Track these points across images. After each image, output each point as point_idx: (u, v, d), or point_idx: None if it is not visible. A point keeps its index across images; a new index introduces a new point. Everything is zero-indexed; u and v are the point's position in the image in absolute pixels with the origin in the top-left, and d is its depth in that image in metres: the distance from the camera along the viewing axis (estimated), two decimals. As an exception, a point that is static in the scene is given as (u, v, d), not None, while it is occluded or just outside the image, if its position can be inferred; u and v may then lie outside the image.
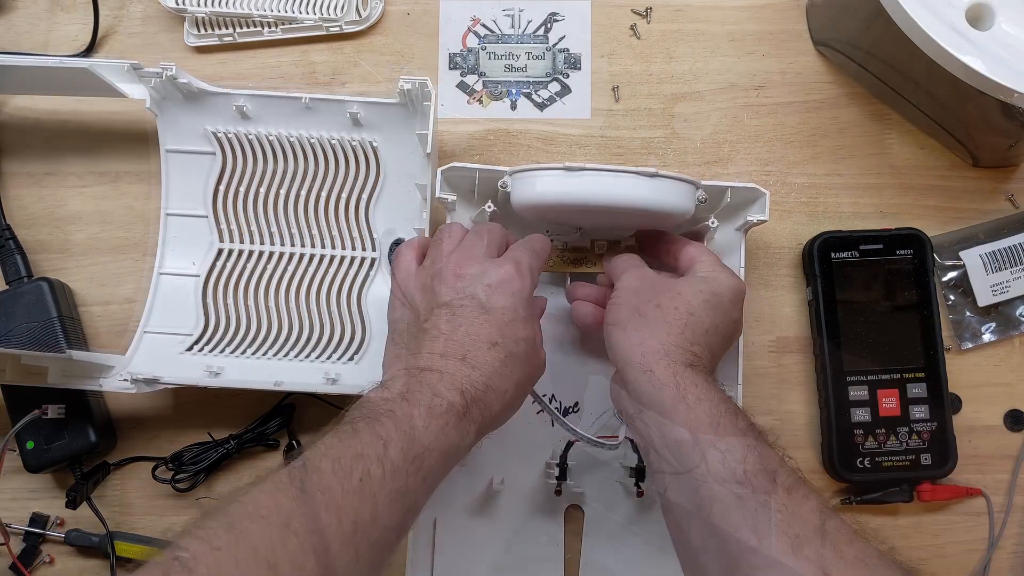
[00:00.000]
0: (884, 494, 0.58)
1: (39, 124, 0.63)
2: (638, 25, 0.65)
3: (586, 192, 0.48)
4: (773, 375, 0.61)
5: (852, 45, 0.61)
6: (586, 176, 0.47)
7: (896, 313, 0.59)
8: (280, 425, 0.59)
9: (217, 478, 0.59)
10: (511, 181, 0.51)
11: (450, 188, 0.54)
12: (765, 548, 0.37)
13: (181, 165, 0.60)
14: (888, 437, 0.57)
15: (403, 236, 0.60)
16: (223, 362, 0.57)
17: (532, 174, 0.50)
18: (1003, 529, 0.59)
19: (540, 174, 0.49)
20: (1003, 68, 0.49)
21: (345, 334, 0.59)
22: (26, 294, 0.58)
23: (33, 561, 0.58)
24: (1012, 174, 0.63)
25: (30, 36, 0.65)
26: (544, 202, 0.50)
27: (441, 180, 0.53)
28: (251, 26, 0.64)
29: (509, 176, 0.51)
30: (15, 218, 0.62)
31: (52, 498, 0.59)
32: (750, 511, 0.38)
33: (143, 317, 0.59)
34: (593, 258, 0.57)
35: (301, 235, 0.60)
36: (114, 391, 0.53)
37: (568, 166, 0.48)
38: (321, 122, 0.59)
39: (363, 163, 0.60)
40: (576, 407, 0.58)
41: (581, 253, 0.57)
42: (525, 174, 0.50)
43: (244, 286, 0.60)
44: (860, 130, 0.64)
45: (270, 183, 0.60)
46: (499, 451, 0.56)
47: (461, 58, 0.65)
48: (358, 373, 0.57)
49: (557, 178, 0.48)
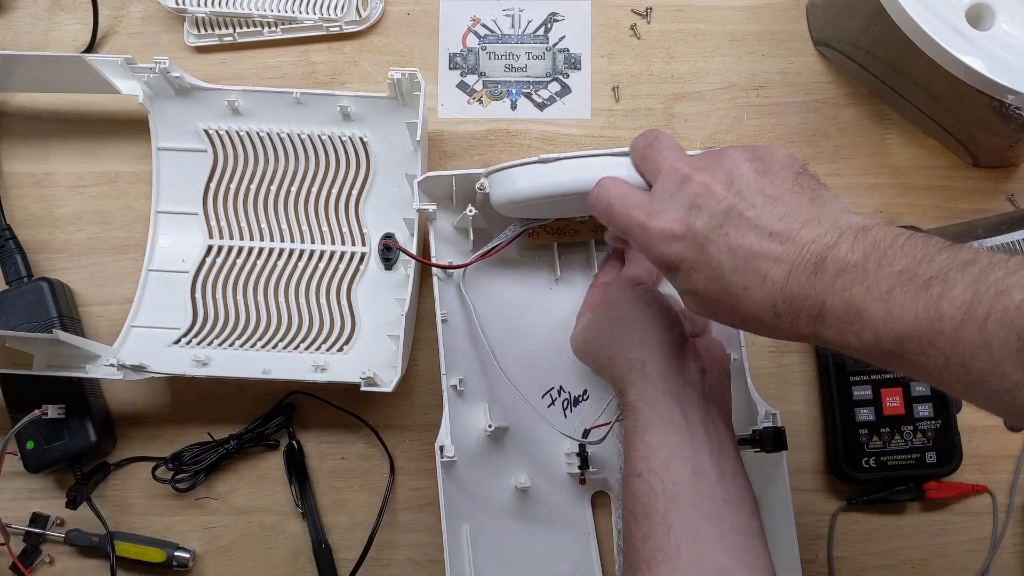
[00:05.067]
0: (890, 493, 0.58)
1: (39, 124, 0.63)
2: (638, 25, 0.65)
3: (565, 180, 0.47)
4: (773, 375, 0.61)
5: (852, 45, 0.61)
6: (563, 164, 0.47)
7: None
8: (280, 425, 0.59)
9: (217, 478, 0.59)
10: (488, 182, 0.51)
11: (428, 198, 0.54)
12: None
13: (173, 163, 0.61)
14: (893, 436, 0.57)
15: (393, 230, 0.59)
16: (211, 353, 0.57)
17: (508, 172, 0.49)
18: (1005, 528, 0.59)
19: (516, 170, 0.49)
20: (1003, 68, 0.49)
21: (335, 327, 0.59)
22: (26, 294, 0.58)
23: (33, 561, 0.58)
24: (1012, 174, 0.63)
25: (30, 36, 0.65)
26: (523, 196, 0.49)
27: (419, 192, 0.53)
28: (251, 26, 0.64)
29: (485, 177, 0.51)
30: (15, 218, 0.62)
31: (52, 498, 0.59)
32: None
33: (131, 312, 0.59)
34: (575, 225, 0.57)
35: (292, 231, 0.61)
36: (100, 377, 0.53)
37: (543, 158, 0.47)
38: (312, 117, 0.60)
39: (354, 158, 0.60)
40: (585, 395, 0.58)
41: (562, 222, 0.57)
42: (501, 173, 0.50)
43: (234, 282, 0.60)
44: (860, 130, 0.64)
45: (261, 180, 0.61)
46: (519, 450, 0.56)
47: (461, 58, 0.65)
48: (347, 363, 0.57)
49: (534, 171, 0.48)
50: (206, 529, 0.59)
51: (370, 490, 0.59)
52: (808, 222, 0.36)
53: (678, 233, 0.38)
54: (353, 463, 0.59)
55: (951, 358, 0.31)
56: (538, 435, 0.56)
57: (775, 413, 0.53)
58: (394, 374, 0.53)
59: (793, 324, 0.36)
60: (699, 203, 0.38)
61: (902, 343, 0.33)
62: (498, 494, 0.56)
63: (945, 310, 0.31)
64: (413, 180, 0.55)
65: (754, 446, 0.52)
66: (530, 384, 0.56)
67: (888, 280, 0.33)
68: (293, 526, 0.59)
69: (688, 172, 0.39)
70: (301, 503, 0.58)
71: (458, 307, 0.56)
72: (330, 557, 0.58)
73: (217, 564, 0.59)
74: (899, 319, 0.32)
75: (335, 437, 0.60)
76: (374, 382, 0.52)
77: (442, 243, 0.56)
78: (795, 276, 0.35)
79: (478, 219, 0.54)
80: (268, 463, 0.59)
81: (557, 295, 0.58)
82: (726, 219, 0.37)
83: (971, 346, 0.31)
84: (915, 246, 0.33)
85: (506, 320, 0.57)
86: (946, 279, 0.32)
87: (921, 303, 0.32)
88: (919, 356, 0.32)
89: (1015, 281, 0.30)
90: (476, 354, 0.56)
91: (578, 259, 0.58)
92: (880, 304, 0.33)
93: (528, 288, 0.58)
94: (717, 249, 0.37)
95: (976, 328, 0.31)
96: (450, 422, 0.52)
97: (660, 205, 0.39)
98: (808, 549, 0.59)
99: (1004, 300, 0.30)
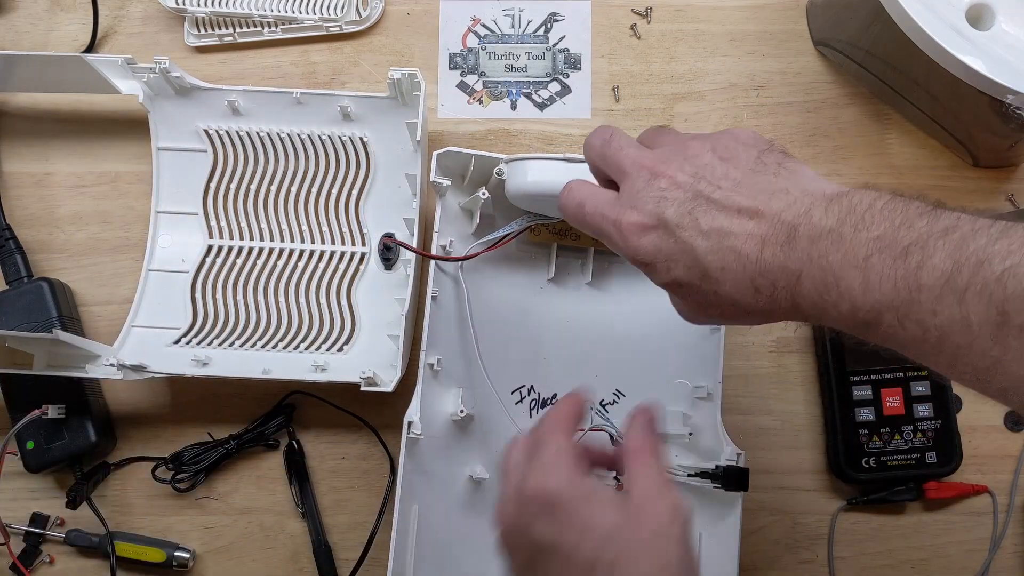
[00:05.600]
0: (890, 493, 0.58)
1: (39, 124, 0.63)
2: (638, 25, 0.65)
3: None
4: (773, 375, 0.61)
5: (852, 45, 0.61)
6: (586, 166, 0.47)
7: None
8: (280, 425, 0.59)
9: (217, 478, 0.59)
10: (507, 168, 0.51)
11: (443, 174, 0.54)
12: None
13: (173, 163, 0.61)
14: (893, 436, 0.57)
15: (393, 230, 0.59)
16: (211, 353, 0.57)
17: (530, 163, 0.50)
18: (1005, 528, 0.59)
19: (538, 163, 0.49)
20: (1003, 68, 0.49)
21: (335, 327, 0.59)
22: (26, 294, 0.58)
23: (33, 561, 0.58)
24: (1012, 174, 0.63)
25: (30, 36, 0.65)
26: (540, 190, 0.49)
27: (436, 164, 0.53)
28: (251, 26, 0.64)
29: (505, 164, 0.51)
30: (15, 218, 0.62)
31: (52, 498, 0.59)
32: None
33: (131, 312, 0.59)
34: (579, 230, 0.57)
35: (292, 231, 0.61)
36: (100, 377, 0.53)
37: (569, 157, 0.48)
38: (312, 117, 0.60)
39: (354, 158, 0.60)
40: (554, 398, 0.58)
41: (567, 224, 0.57)
42: (523, 163, 0.50)
43: (234, 282, 0.60)
44: (860, 130, 0.64)
45: (261, 180, 0.61)
46: (479, 441, 0.56)
47: (461, 58, 0.65)
48: (347, 363, 0.57)
49: (556, 167, 0.48)
50: (206, 529, 0.59)
51: (370, 490, 0.59)
52: (775, 193, 0.35)
53: (649, 224, 0.38)
54: (353, 463, 0.59)
55: (929, 331, 0.30)
56: (500, 429, 0.56)
57: (740, 454, 0.53)
58: (394, 374, 0.53)
59: (773, 299, 0.35)
60: (666, 195, 0.37)
61: (880, 314, 0.31)
62: (453, 481, 0.55)
63: (924, 280, 0.30)
64: (414, 179, 0.55)
65: (715, 481, 0.52)
66: (503, 378, 0.56)
67: (865, 246, 0.31)
68: (293, 526, 0.59)
69: (652, 166, 0.39)
70: (301, 503, 0.58)
71: (451, 289, 0.55)
72: (330, 557, 0.58)
73: (217, 564, 0.58)
74: (876, 288, 0.31)
75: (335, 437, 0.60)
76: (374, 382, 0.52)
77: (446, 221, 0.55)
78: (769, 247, 0.34)
79: (487, 204, 0.54)
80: (268, 463, 0.59)
81: (547, 295, 0.58)
82: (695, 205, 0.37)
83: (949, 319, 0.29)
84: (894, 210, 0.32)
85: (493, 312, 0.56)
86: (925, 246, 0.30)
87: (899, 272, 0.31)
88: (897, 328, 0.31)
89: (997, 250, 0.29)
90: (459, 338, 0.55)
91: (574, 264, 0.59)
92: (857, 272, 0.32)
93: (520, 284, 0.58)
94: (689, 234, 0.36)
95: (955, 300, 0.29)
96: (420, 401, 0.51)
97: (630, 202, 0.39)
98: (808, 549, 0.59)
99: (984, 271, 0.29)
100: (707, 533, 0.54)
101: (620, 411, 0.57)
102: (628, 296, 0.58)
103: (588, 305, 0.59)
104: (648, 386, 0.57)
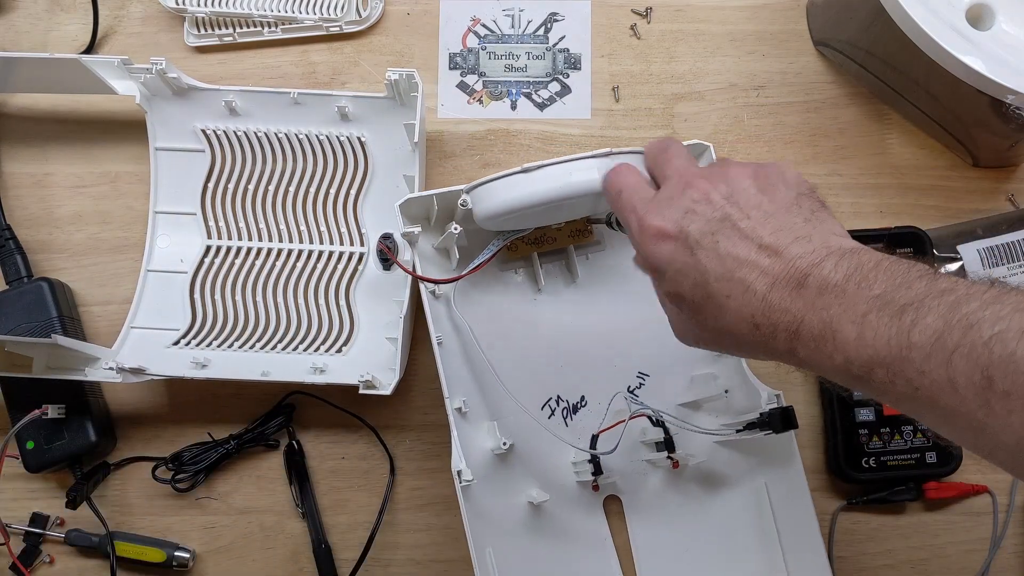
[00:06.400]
0: (890, 493, 0.58)
1: (39, 124, 0.63)
2: (638, 25, 0.65)
3: (550, 188, 0.47)
4: (773, 375, 0.60)
5: (852, 45, 0.61)
6: (546, 172, 0.46)
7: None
8: (280, 425, 0.59)
9: (217, 478, 0.59)
10: (470, 197, 0.50)
11: (411, 222, 0.53)
12: None
13: (170, 163, 0.61)
14: (893, 436, 0.57)
15: (391, 231, 0.59)
16: (210, 355, 0.57)
17: (491, 185, 0.48)
18: (1005, 528, 0.59)
19: (499, 183, 0.48)
20: (1003, 68, 0.49)
21: (333, 327, 0.59)
22: (26, 294, 0.58)
23: (33, 561, 0.58)
24: (1012, 174, 0.63)
25: (30, 36, 0.65)
26: (508, 208, 0.48)
27: (401, 215, 0.52)
28: (251, 26, 0.64)
29: (467, 193, 0.50)
30: (15, 218, 0.62)
31: (52, 498, 0.59)
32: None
33: (130, 313, 0.59)
34: (552, 232, 0.56)
35: (290, 231, 0.61)
36: (99, 380, 0.53)
37: (525, 167, 0.47)
38: (309, 117, 0.60)
39: (352, 158, 0.61)
40: (583, 401, 0.58)
41: (540, 231, 0.56)
42: (485, 187, 0.49)
43: (232, 282, 0.60)
44: (860, 130, 0.64)
45: (259, 180, 0.61)
46: (524, 466, 0.56)
47: (461, 58, 0.65)
48: (346, 364, 0.57)
49: (517, 181, 0.47)
50: (206, 529, 0.59)
51: (370, 490, 0.59)
52: (799, 239, 0.36)
53: (670, 233, 0.38)
54: (353, 463, 0.59)
55: (919, 390, 0.31)
56: (541, 448, 0.56)
57: (779, 394, 0.52)
58: (393, 377, 0.53)
59: (771, 339, 0.35)
60: (696, 208, 0.38)
61: (872, 369, 0.32)
62: (512, 512, 0.55)
63: (915, 339, 0.30)
64: (412, 180, 0.55)
65: (763, 428, 0.52)
66: (528, 397, 0.56)
67: (866, 303, 0.32)
68: (293, 526, 0.59)
69: (691, 179, 0.40)
70: (301, 503, 0.58)
71: (450, 329, 0.55)
72: (330, 557, 0.58)
73: (217, 564, 0.59)
74: (871, 344, 0.32)
75: (335, 437, 0.60)
76: (373, 385, 0.52)
77: (427, 264, 0.55)
78: (777, 290, 0.35)
79: (462, 237, 0.53)
80: (268, 463, 0.59)
81: (541, 305, 0.58)
82: (719, 227, 0.37)
83: (937, 379, 0.30)
84: (896, 271, 0.33)
85: (494, 336, 0.56)
86: (921, 306, 0.31)
87: (893, 329, 0.31)
88: (888, 385, 0.32)
89: (988, 315, 0.29)
90: (472, 374, 0.55)
91: (558, 268, 0.59)
92: (854, 327, 0.32)
93: (512, 302, 0.58)
94: (706, 255, 0.37)
95: (943, 360, 0.30)
96: (460, 446, 0.50)
97: (659, 205, 0.40)
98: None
99: (973, 334, 0.29)
100: (772, 484, 0.55)
101: (649, 393, 0.58)
102: (620, 282, 0.58)
103: (584, 302, 0.59)
104: (669, 358, 0.57)
